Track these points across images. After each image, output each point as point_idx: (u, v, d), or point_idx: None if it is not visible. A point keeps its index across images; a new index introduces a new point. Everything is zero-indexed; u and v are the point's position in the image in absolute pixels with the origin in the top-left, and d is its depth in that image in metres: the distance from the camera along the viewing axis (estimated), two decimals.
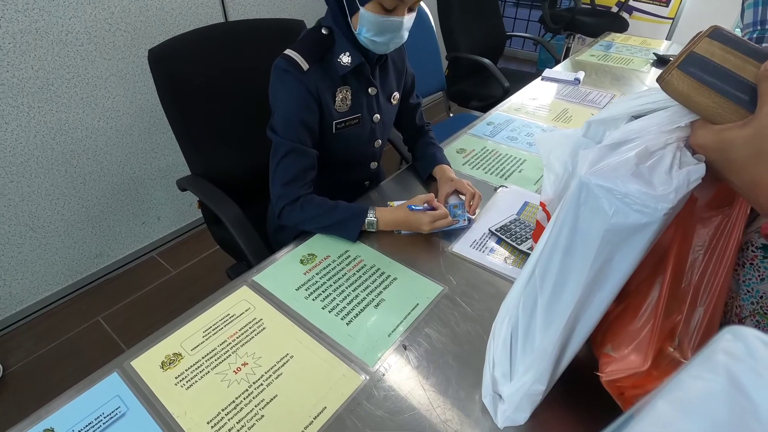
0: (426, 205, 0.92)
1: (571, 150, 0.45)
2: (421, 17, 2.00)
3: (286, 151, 0.91)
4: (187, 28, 1.73)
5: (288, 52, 0.90)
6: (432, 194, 0.94)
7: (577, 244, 0.40)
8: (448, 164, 1.12)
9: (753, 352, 0.15)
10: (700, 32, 0.39)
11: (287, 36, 1.27)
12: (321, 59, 0.91)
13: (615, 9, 3.36)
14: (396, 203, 0.98)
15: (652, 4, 3.26)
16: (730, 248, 0.43)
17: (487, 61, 2.11)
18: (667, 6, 3.22)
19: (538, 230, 0.64)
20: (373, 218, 0.91)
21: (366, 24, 0.85)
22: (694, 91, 0.37)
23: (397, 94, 1.08)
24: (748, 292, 0.43)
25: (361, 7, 0.83)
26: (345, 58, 0.91)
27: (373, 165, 1.15)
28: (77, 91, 1.54)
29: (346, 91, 0.95)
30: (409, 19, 0.87)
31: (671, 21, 3.24)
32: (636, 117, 0.44)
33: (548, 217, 0.54)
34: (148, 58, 1.07)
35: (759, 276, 0.42)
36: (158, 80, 1.10)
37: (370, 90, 0.99)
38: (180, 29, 1.74)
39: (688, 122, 0.39)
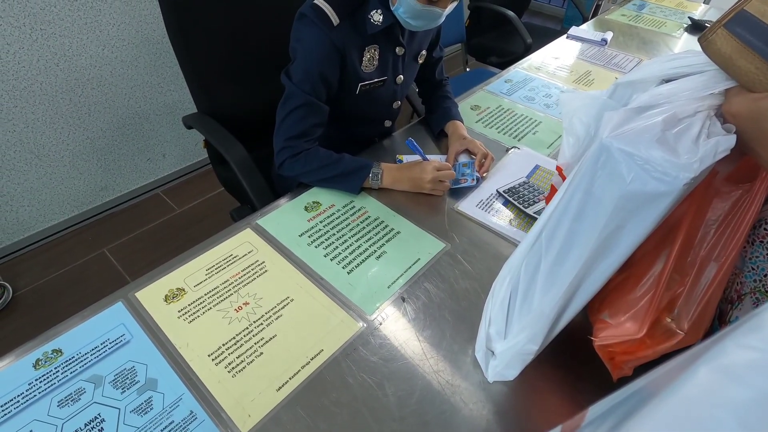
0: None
1: (596, 112, 0.43)
2: None
3: (299, 104, 0.87)
4: None
5: (317, 2, 0.83)
6: (449, 164, 0.91)
7: (588, 209, 0.39)
8: (462, 121, 1.08)
9: None
10: None
11: None
12: (352, 14, 0.84)
13: None
14: (405, 158, 0.96)
15: None
16: (745, 224, 0.42)
17: (511, 13, 2.00)
18: None
19: (552, 195, 0.63)
20: (378, 170, 0.89)
21: (405, 5, 0.80)
22: (737, 53, 0.35)
23: (424, 53, 1.03)
24: (753, 269, 0.43)
25: None
26: (376, 16, 0.85)
27: (388, 123, 1.11)
28: (80, 14, 1.47)
29: (375, 50, 0.90)
30: (450, 8, 0.82)
31: None
32: (667, 81, 0.42)
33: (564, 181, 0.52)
34: None
35: (766, 254, 0.42)
36: (166, 12, 1.04)
37: (397, 50, 0.94)
38: None
39: (724, 89, 0.37)
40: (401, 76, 0.98)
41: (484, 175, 0.96)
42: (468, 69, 2.20)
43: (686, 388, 0.16)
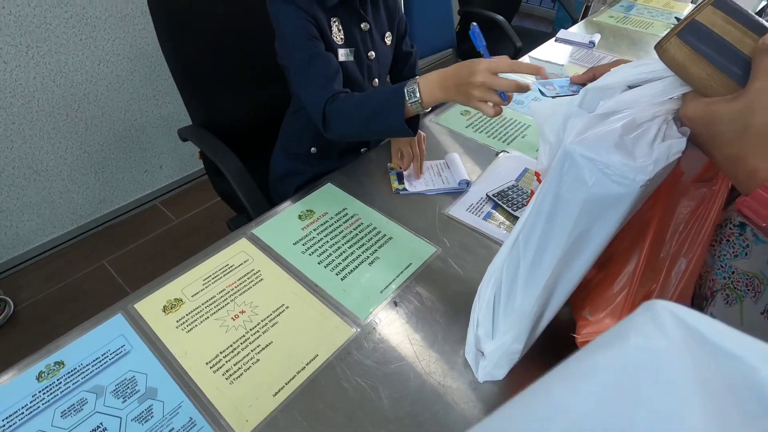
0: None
1: (563, 119, 0.45)
2: None
3: (309, 58, 0.84)
4: None
5: None
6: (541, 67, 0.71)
7: (558, 212, 0.41)
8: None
9: (661, 324, 0.16)
10: None
11: None
12: None
13: None
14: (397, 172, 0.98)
15: None
16: (709, 221, 0.44)
17: (500, 17, 2.03)
18: None
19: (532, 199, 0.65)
20: (413, 86, 0.75)
21: None
22: (689, 61, 0.37)
23: (389, 35, 1.05)
24: (722, 267, 0.45)
25: None
26: None
27: None
28: (76, 32, 1.49)
29: (338, 23, 0.93)
30: None
31: None
32: (634, 86, 0.44)
33: None
34: (149, 5, 1.03)
35: (733, 252, 0.44)
36: (158, 26, 1.07)
37: (362, 25, 0.97)
38: None
39: (680, 94, 0.39)
40: (372, 52, 1.00)
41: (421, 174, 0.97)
42: None
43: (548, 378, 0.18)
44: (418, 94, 0.75)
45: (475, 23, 0.81)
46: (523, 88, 0.68)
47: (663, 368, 0.15)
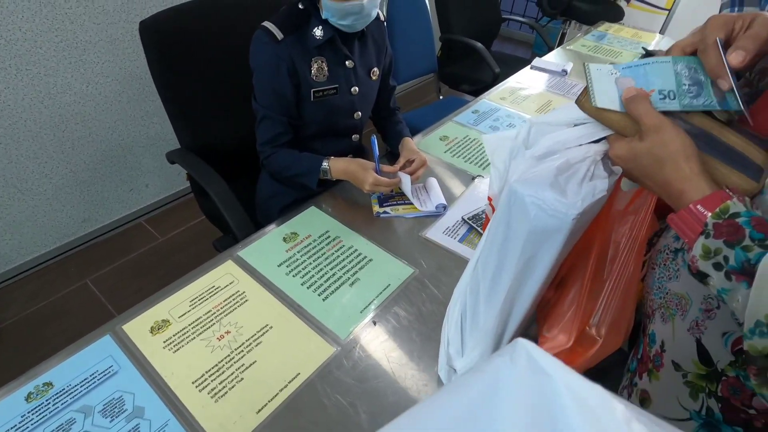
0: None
1: (510, 151, 0.51)
2: None
3: (261, 117, 1.03)
4: None
5: (265, 23, 0.97)
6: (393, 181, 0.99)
7: (508, 241, 0.47)
8: (410, 137, 1.19)
9: (516, 356, 0.23)
10: None
11: (274, 9, 1.27)
12: (296, 30, 0.97)
13: None
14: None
15: None
16: (639, 242, 0.50)
17: (479, 45, 2.12)
18: None
19: (487, 222, 0.71)
20: (326, 166, 1.01)
21: (328, 10, 0.92)
22: (602, 110, 0.44)
23: (376, 70, 1.12)
24: (659, 288, 0.51)
25: None
26: (318, 32, 0.97)
27: (355, 137, 1.19)
28: (65, 55, 1.53)
29: (321, 61, 1.01)
30: (370, 1, 0.91)
31: (667, 12, 3.24)
32: (575, 125, 0.50)
33: (494, 211, 0.60)
34: (139, 30, 1.08)
35: (668, 275, 0.50)
36: (149, 52, 1.11)
37: (347, 63, 1.04)
38: None
39: (605, 136, 0.46)
40: (356, 88, 1.08)
41: (417, 177, 1.06)
42: (441, 97, 2.31)
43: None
44: (328, 174, 1.02)
45: (374, 135, 1.10)
46: (395, 185, 1.00)
47: (501, 387, 0.22)
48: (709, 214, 0.38)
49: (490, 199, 0.60)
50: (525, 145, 0.49)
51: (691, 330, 0.47)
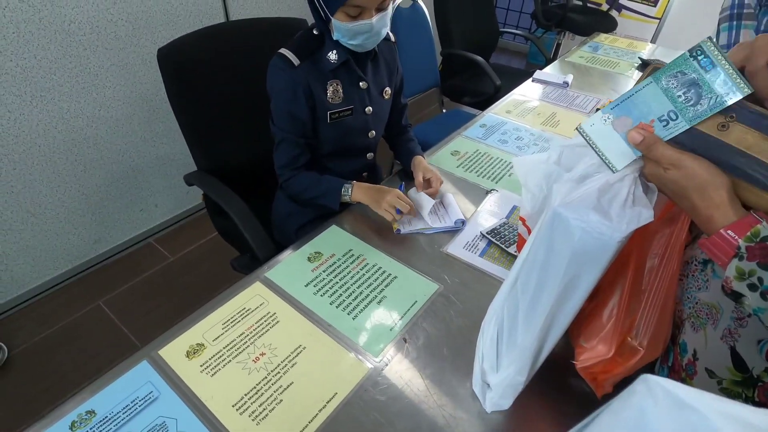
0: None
1: (544, 174, 0.53)
2: (418, 14, 2.04)
3: (279, 140, 1.06)
4: (187, 20, 1.76)
5: (282, 50, 1.00)
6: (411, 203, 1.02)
7: (551, 262, 0.49)
8: (422, 155, 1.22)
9: (653, 393, 0.24)
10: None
11: (289, 34, 1.30)
12: (311, 55, 1.00)
13: (605, 7, 3.43)
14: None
15: (641, 3, 3.33)
16: (676, 254, 0.52)
17: (479, 58, 2.17)
18: (655, 6, 3.30)
19: (521, 242, 0.73)
20: (349, 186, 1.05)
21: (339, 31, 0.95)
22: None
23: (389, 89, 1.15)
24: (688, 298, 0.53)
25: (331, 17, 0.93)
26: (332, 56, 1.00)
27: (370, 155, 1.22)
28: (78, 80, 1.55)
29: (337, 84, 1.04)
30: (379, 19, 0.94)
31: (658, 21, 3.32)
32: None
33: (528, 231, 0.62)
34: (158, 58, 1.10)
35: (697, 286, 0.52)
36: (167, 79, 1.14)
37: (361, 84, 1.07)
38: (180, 20, 1.75)
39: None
40: (370, 108, 1.11)
41: (437, 191, 1.10)
42: (444, 110, 2.35)
43: None
44: (349, 195, 1.05)
45: (402, 183, 1.17)
46: (411, 212, 1.02)
47: (651, 426, 0.22)
48: (740, 238, 0.40)
49: (523, 219, 0.62)
50: (564, 168, 0.51)
51: (725, 338, 0.49)
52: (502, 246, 0.98)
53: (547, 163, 0.56)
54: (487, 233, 1.01)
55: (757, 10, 1.24)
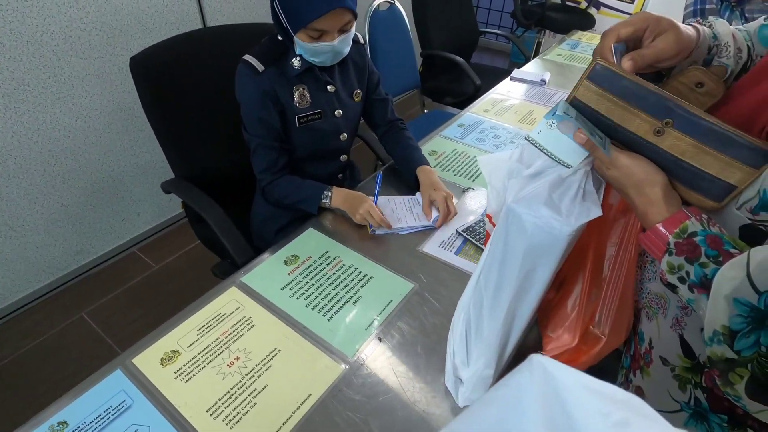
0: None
1: (507, 171, 0.55)
2: (396, 16, 2.05)
3: (255, 147, 1.06)
4: (163, 27, 1.75)
5: (246, 57, 1.01)
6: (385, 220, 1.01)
7: (508, 257, 0.50)
8: (428, 164, 1.16)
9: (532, 369, 0.26)
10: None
11: (260, 39, 1.31)
12: (276, 61, 1.01)
13: (584, 4, 3.47)
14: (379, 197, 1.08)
15: (619, 0, 3.39)
16: (632, 245, 0.54)
17: (459, 59, 2.19)
18: (632, 3, 3.35)
19: (488, 239, 0.75)
20: (328, 195, 1.05)
21: (301, 48, 0.97)
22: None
23: (359, 92, 1.16)
24: (642, 289, 0.55)
25: (294, 35, 0.94)
26: (296, 62, 1.01)
27: (343, 158, 1.23)
28: (53, 91, 1.54)
29: (303, 89, 1.05)
30: (341, 41, 0.96)
31: None
32: None
33: (494, 227, 0.63)
34: (130, 66, 1.10)
35: (648, 276, 0.54)
36: (140, 87, 1.13)
37: (329, 88, 1.08)
38: (156, 27, 1.74)
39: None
40: (339, 111, 1.12)
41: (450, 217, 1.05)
42: (426, 110, 2.36)
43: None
44: (329, 201, 1.05)
45: (380, 172, 1.18)
46: (383, 224, 1.01)
47: (524, 396, 0.26)
48: (670, 234, 0.42)
49: (489, 216, 0.64)
50: (525, 165, 0.52)
51: (674, 327, 0.50)
52: (477, 243, 0.99)
53: (510, 161, 0.57)
54: (462, 231, 1.02)
55: (719, 6, 1.28)
